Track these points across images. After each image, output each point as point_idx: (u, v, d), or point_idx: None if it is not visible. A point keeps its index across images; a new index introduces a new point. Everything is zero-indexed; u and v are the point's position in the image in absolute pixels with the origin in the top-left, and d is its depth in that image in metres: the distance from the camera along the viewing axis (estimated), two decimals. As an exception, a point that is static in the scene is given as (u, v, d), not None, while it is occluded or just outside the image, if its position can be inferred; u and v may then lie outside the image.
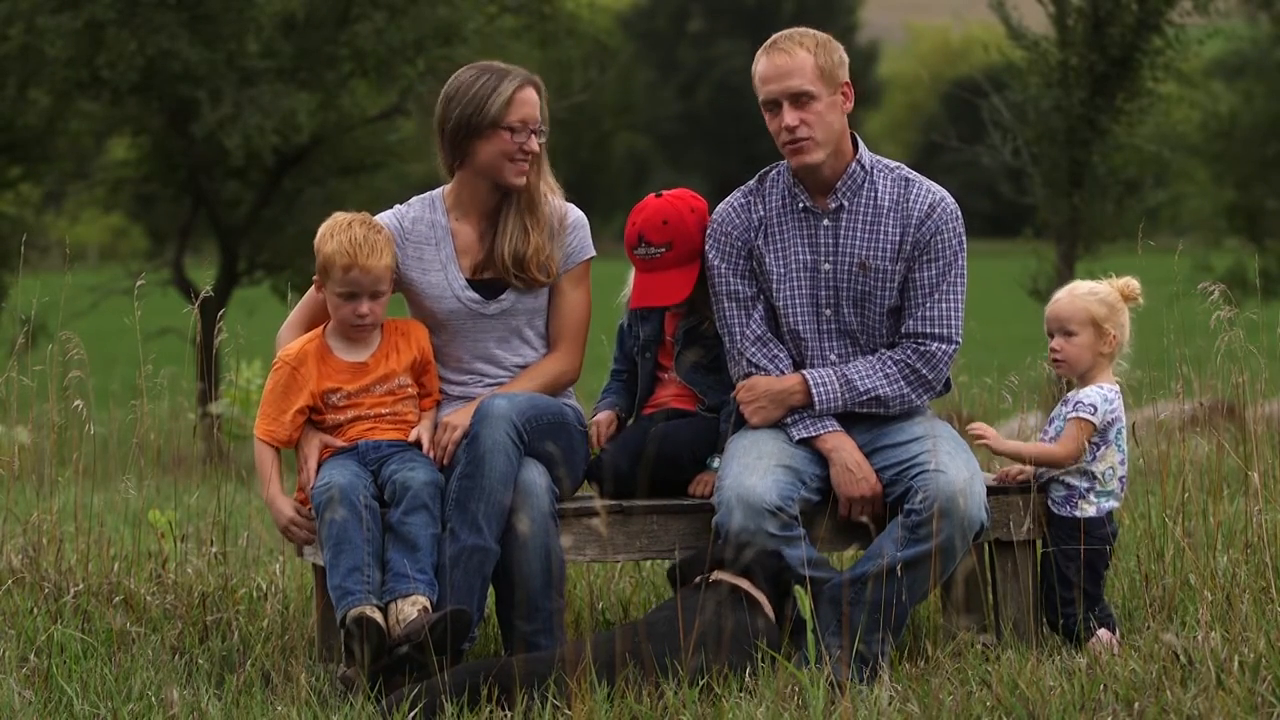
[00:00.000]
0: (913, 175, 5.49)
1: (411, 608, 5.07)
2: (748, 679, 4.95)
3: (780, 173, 5.53)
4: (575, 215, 5.62)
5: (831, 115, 5.38)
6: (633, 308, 5.68)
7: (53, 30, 17.54)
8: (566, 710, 4.77)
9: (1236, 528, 6.10)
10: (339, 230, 5.39)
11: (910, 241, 5.41)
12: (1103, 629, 5.31)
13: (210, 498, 7.12)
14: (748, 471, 5.23)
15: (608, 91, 47.57)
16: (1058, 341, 5.44)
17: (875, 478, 5.34)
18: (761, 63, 5.41)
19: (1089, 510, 5.37)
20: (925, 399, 5.47)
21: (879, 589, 5.15)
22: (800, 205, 5.46)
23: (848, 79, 5.43)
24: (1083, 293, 5.44)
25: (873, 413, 5.41)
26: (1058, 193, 16.51)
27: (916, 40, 73.39)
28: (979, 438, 5.33)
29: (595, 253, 5.63)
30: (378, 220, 5.51)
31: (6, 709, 4.88)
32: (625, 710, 4.75)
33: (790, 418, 5.41)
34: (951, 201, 5.46)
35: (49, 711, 4.92)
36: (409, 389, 5.47)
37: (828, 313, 5.45)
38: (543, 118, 5.52)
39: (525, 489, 5.23)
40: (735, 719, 4.66)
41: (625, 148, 61.92)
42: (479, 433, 5.21)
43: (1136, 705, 4.59)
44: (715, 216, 5.57)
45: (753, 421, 5.43)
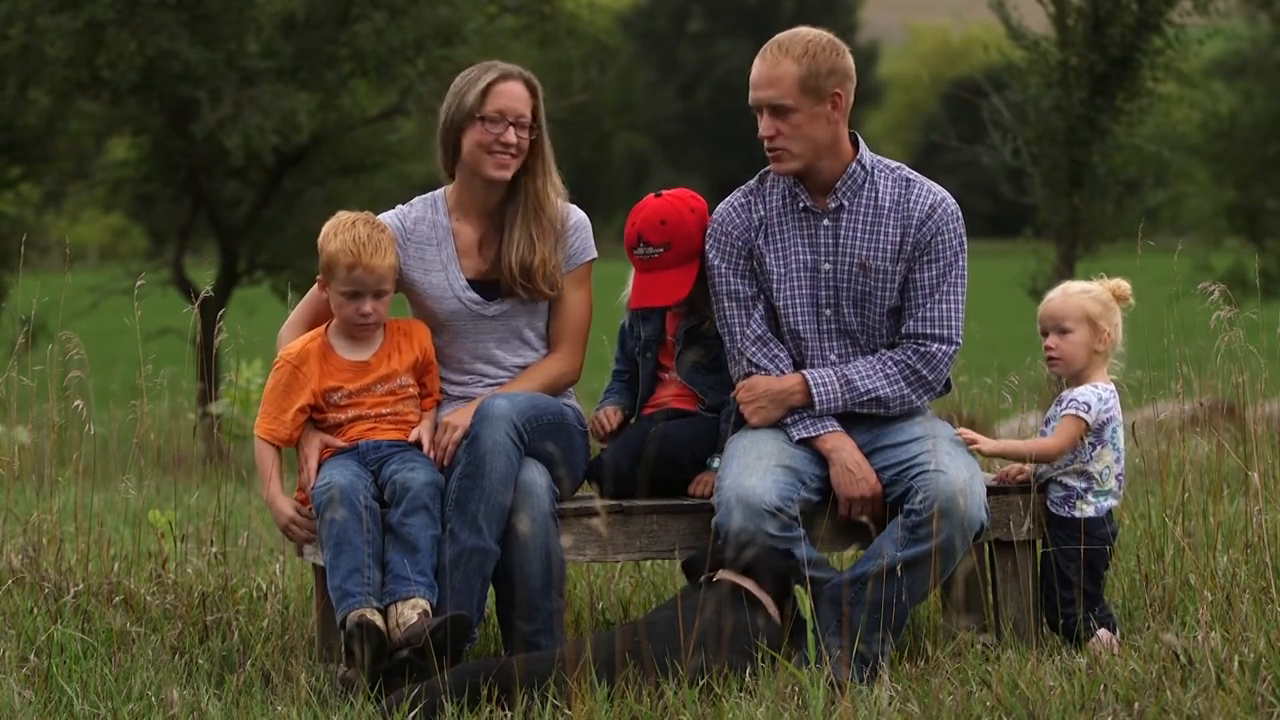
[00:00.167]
0: (914, 176, 5.48)
1: (411, 611, 5.07)
2: (748, 679, 4.95)
3: (780, 173, 5.53)
4: (577, 217, 5.61)
5: (812, 127, 5.35)
6: (631, 308, 5.68)
7: (53, 30, 17.55)
8: (566, 710, 4.77)
9: (1236, 528, 6.10)
10: (343, 229, 5.39)
11: (911, 242, 5.40)
12: (1103, 629, 5.30)
13: (210, 498, 7.11)
14: (747, 472, 5.22)
15: (608, 91, 47.58)
16: (1053, 339, 5.43)
17: (875, 478, 5.33)
18: (753, 66, 5.41)
19: (1088, 510, 5.36)
20: (925, 399, 5.46)
21: (879, 589, 5.14)
22: (800, 205, 5.46)
23: (841, 88, 5.35)
24: (1076, 291, 5.45)
25: (873, 413, 5.42)
26: (1058, 193, 16.52)
27: (916, 40, 73.37)
28: (970, 443, 5.33)
29: (597, 254, 5.63)
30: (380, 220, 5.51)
31: (6, 709, 4.88)
32: (625, 710, 4.74)
33: (790, 418, 5.41)
34: (952, 202, 5.46)
35: (49, 711, 4.92)
36: (410, 389, 5.47)
37: (828, 313, 5.45)
38: (537, 116, 5.50)
39: (525, 489, 5.22)
40: (735, 719, 4.65)
41: (625, 148, 61.88)
42: (479, 433, 5.21)
43: (1136, 705, 4.59)
44: (715, 216, 5.56)
45: (753, 421, 5.43)
